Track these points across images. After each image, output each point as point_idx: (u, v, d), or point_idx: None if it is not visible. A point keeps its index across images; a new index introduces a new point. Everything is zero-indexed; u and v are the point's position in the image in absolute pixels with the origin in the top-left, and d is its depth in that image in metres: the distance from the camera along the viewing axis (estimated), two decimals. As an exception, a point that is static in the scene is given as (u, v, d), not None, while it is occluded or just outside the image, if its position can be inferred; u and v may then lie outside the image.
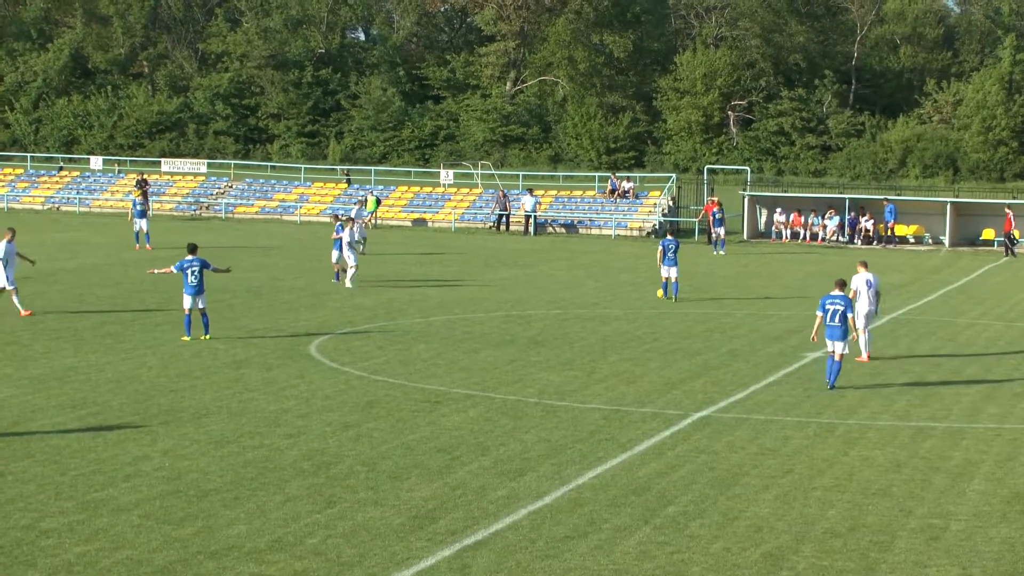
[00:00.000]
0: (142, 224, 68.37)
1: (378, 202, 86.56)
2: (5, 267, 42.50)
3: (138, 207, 69.91)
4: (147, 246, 66.59)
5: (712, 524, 22.09)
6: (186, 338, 39.04)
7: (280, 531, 21.12)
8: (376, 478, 24.43)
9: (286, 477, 24.37)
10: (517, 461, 25.94)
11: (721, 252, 74.63)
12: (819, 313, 34.17)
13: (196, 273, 38.93)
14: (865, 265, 39.14)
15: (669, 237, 54.12)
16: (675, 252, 51.44)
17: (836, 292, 34.39)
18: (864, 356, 38.19)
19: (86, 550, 20.05)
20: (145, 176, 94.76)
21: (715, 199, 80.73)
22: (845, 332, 33.67)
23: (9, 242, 42.82)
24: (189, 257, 39.27)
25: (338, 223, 55.77)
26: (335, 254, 54.85)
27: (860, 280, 38.33)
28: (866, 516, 22.76)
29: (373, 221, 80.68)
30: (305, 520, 21.73)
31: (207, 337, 39.13)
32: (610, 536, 21.31)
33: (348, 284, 52.63)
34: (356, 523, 21.62)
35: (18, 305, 42.79)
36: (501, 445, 27.24)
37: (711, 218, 77.30)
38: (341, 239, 54.38)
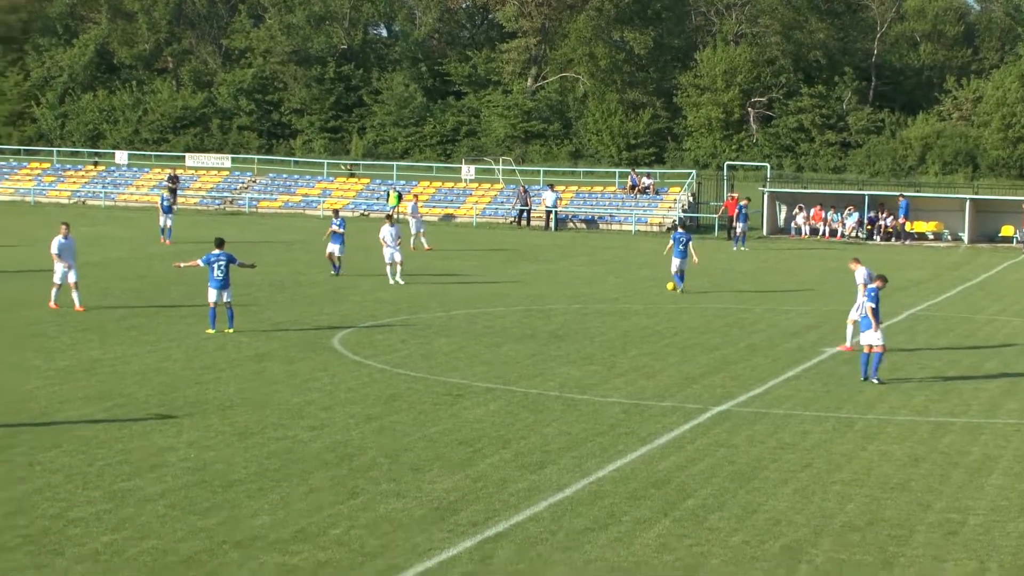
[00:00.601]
0: (167, 219, 68.74)
1: (400, 197, 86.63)
2: (59, 261, 42.67)
3: (165, 202, 70.36)
4: (167, 240, 66.82)
5: (731, 517, 22.15)
6: (210, 331, 39.17)
7: (304, 521, 21.23)
8: (398, 470, 24.53)
9: (309, 468, 24.48)
10: (538, 454, 26.02)
11: (743, 248, 74.66)
12: None
13: (223, 267, 39.07)
14: (858, 261, 39.18)
15: (680, 230, 54.45)
16: (685, 245, 51.89)
17: (870, 285, 34.71)
18: (847, 346, 38.66)
19: (113, 539, 20.18)
20: (177, 173, 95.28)
21: (735, 195, 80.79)
22: (867, 324, 33.77)
23: (65, 237, 42.99)
24: (216, 251, 39.41)
25: (338, 219, 56.05)
26: (335, 247, 55.14)
27: (858, 276, 38.51)
28: (884, 510, 22.80)
29: (397, 216, 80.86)
30: (328, 511, 21.83)
31: (231, 330, 39.27)
32: (630, 528, 21.38)
33: (398, 280, 52.51)
34: (379, 514, 21.72)
35: (53, 296, 42.97)
36: (522, 438, 27.33)
37: (736, 213, 77.28)
38: (342, 234, 54.98)
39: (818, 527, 21.73)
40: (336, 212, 58.95)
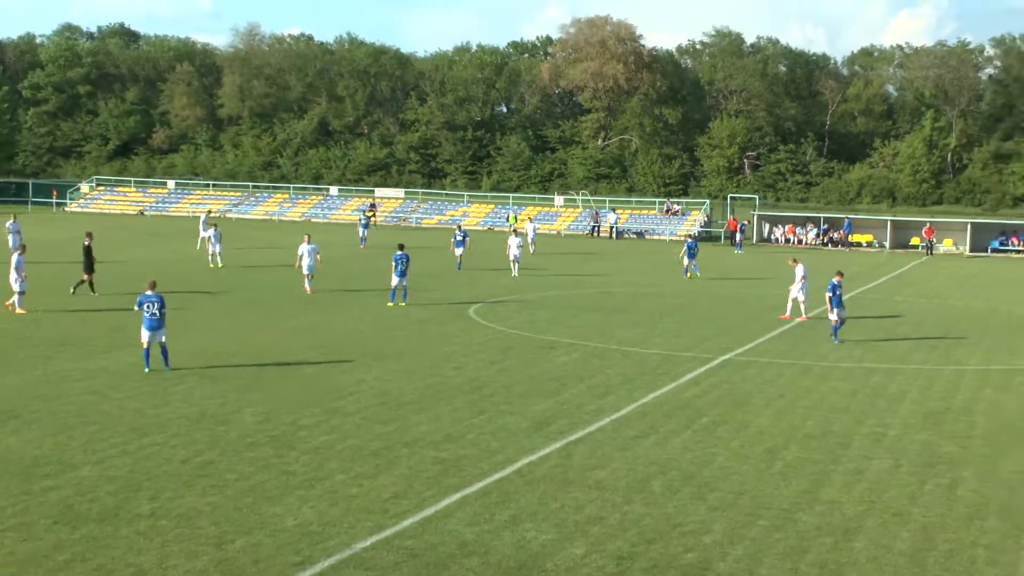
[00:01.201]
0: (364, 232, 68.67)
1: (516, 218, 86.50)
2: (301, 259, 42.26)
3: (363, 220, 70.31)
4: (363, 246, 66.52)
5: (731, 430, 21.99)
6: (390, 304, 39.33)
7: (449, 429, 21.28)
8: (511, 397, 24.53)
9: (453, 395, 24.53)
10: (603, 387, 25.93)
11: (740, 252, 73.98)
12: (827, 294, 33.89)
13: (404, 263, 39.35)
14: (796, 261, 39.29)
15: (690, 240, 54.47)
16: (694, 249, 52.81)
17: (832, 279, 34.09)
18: (804, 316, 38.33)
19: (327, 439, 20.32)
20: (374, 201, 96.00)
21: (735, 218, 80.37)
22: (835, 303, 33.47)
23: (308, 243, 42.48)
24: (399, 252, 39.64)
25: (460, 231, 55.21)
26: (459, 251, 53.81)
27: (798, 271, 38.47)
28: (832, 425, 22.56)
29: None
30: (466, 423, 21.87)
31: (404, 304, 39.41)
32: (664, 436, 21.27)
33: (516, 274, 50.81)
34: (498, 425, 21.73)
35: (307, 285, 42.47)
36: (593, 376, 27.24)
37: (736, 228, 76.88)
38: (463, 240, 53.96)
39: (788, 437, 21.52)
40: (459, 226, 58.36)
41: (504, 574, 14.14)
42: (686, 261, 52.75)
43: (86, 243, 41.07)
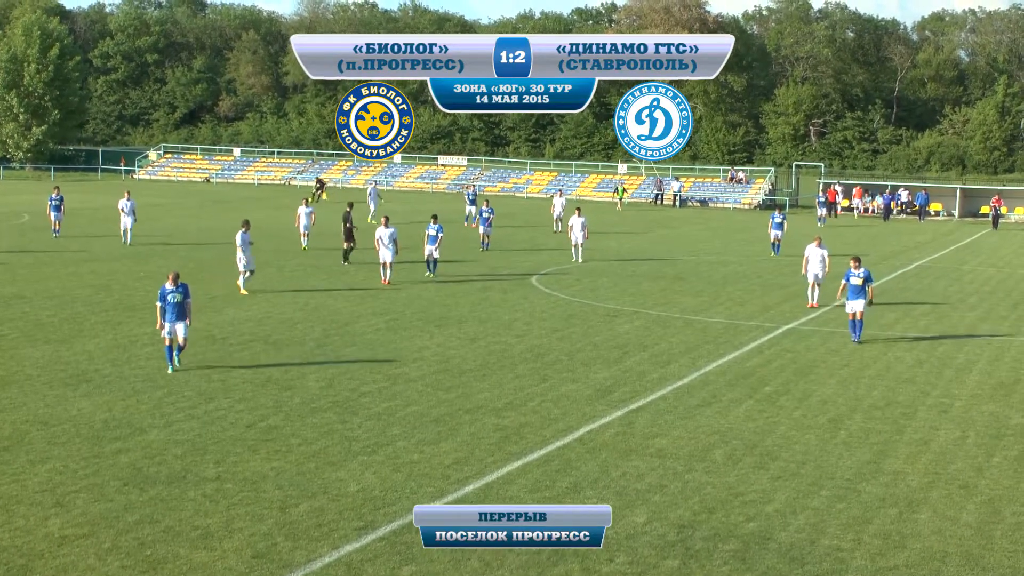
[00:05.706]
0: (471, 209, 59.23)
1: (622, 191, 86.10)
2: (379, 245, 37.43)
3: (470, 196, 61.46)
4: (471, 224, 57.01)
5: (794, 399, 21.84)
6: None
7: (511, 397, 21.31)
8: (573, 364, 24.51)
9: (516, 362, 24.56)
10: (666, 355, 25.83)
11: (821, 224, 71.20)
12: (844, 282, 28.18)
13: (436, 231, 38.02)
14: (819, 240, 33.74)
15: (776, 211, 51.51)
16: (781, 222, 49.28)
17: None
18: (815, 303, 33.53)
19: (389, 406, 20.44)
20: (476, 188, 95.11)
21: (833, 188, 78.55)
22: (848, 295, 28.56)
23: (385, 226, 37.12)
24: (433, 224, 38.57)
25: (488, 207, 48.36)
26: (484, 228, 47.38)
27: (811, 251, 33.23)
28: (898, 396, 22.33)
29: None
30: (527, 390, 21.90)
31: (429, 275, 39.36)
32: (726, 405, 21.17)
33: (578, 260, 44.03)
34: (560, 393, 21.74)
35: (384, 276, 36.96)
36: (655, 344, 27.14)
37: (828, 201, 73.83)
38: (488, 217, 47.43)
39: (852, 406, 21.34)
40: (487, 201, 50.89)
41: (565, 541, 14.17)
42: (772, 234, 48.15)
43: (347, 212, 42.55)
